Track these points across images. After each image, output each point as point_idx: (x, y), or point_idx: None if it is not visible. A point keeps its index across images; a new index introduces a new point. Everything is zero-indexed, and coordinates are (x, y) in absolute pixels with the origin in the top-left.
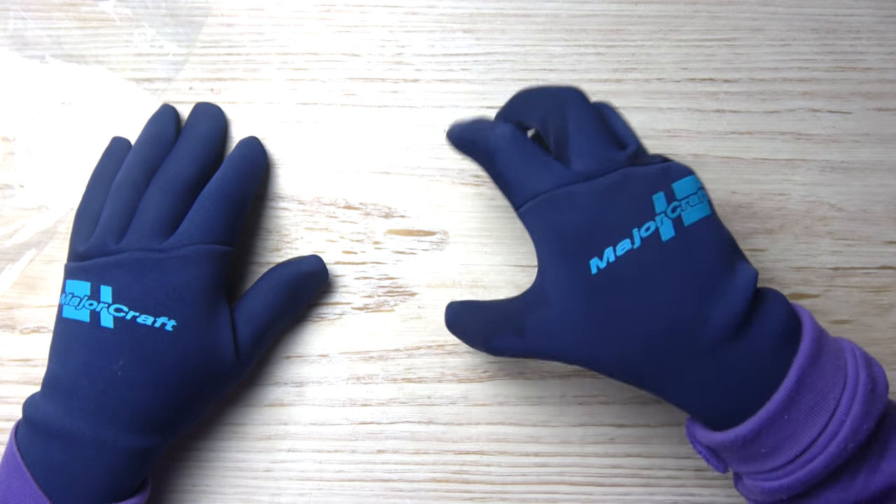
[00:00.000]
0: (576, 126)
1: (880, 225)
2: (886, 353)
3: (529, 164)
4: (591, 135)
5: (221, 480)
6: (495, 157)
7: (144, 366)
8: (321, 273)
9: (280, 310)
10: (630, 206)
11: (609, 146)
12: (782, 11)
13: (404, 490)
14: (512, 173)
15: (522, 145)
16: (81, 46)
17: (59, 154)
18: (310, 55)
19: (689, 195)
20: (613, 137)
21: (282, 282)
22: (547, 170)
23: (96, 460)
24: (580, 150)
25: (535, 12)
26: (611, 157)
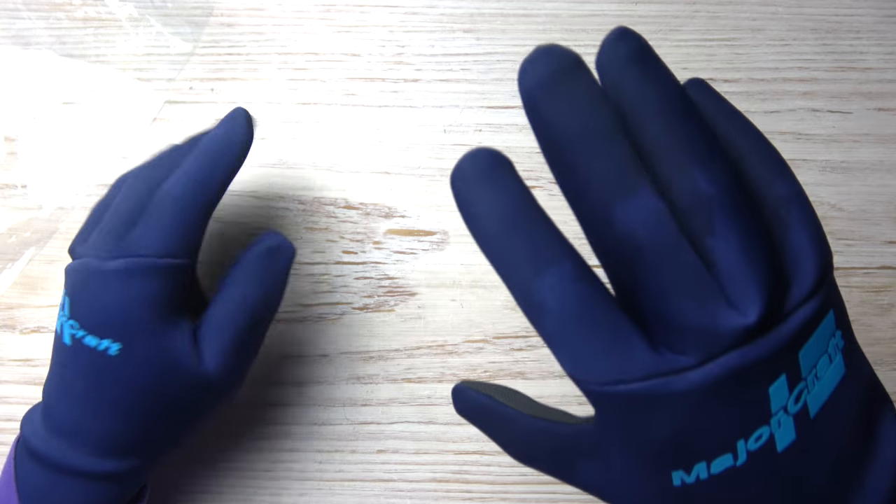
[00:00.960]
0: (669, 282)
1: (880, 225)
2: (886, 353)
3: (600, 340)
4: (694, 295)
5: (221, 480)
6: (545, 321)
7: (99, 388)
8: (282, 246)
9: (253, 305)
10: (738, 409)
11: (721, 306)
12: (782, 11)
13: (404, 490)
14: (571, 347)
15: (588, 307)
16: (83, 45)
17: (60, 154)
18: (310, 55)
19: (821, 355)
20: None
21: (244, 274)
22: (627, 351)
23: (70, 484)
24: (675, 318)
25: (535, 12)
26: (725, 330)
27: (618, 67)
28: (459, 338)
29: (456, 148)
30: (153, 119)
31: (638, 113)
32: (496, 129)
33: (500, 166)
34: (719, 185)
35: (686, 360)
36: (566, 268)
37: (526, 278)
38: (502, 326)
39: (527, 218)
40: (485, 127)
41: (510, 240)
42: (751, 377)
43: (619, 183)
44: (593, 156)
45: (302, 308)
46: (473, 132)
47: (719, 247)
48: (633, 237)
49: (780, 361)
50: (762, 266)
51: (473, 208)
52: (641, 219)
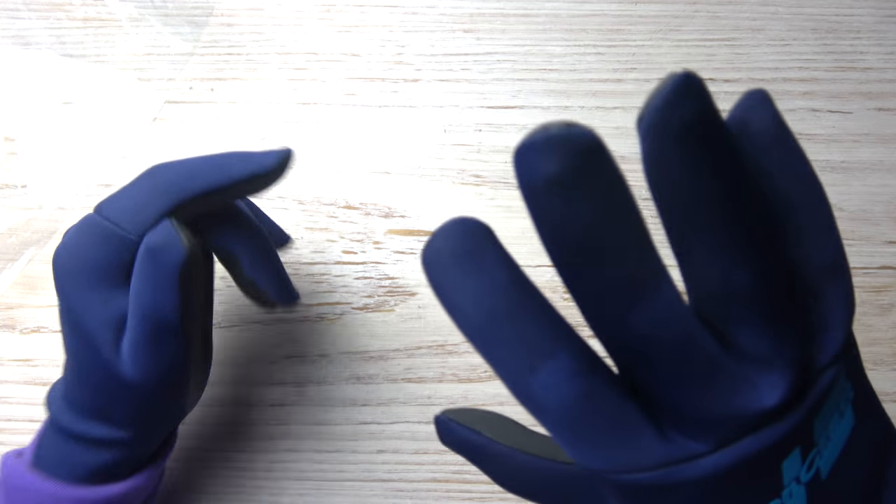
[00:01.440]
0: (686, 370)
1: (880, 225)
2: (886, 353)
3: (604, 435)
4: (713, 382)
5: (221, 480)
6: (548, 419)
7: (67, 352)
8: (165, 247)
9: (142, 308)
10: (750, 490)
11: (740, 392)
12: (782, 11)
13: (404, 490)
14: (574, 444)
15: (591, 402)
16: (83, 45)
17: (60, 154)
18: (310, 55)
19: (832, 417)
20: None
21: (135, 274)
22: (634, 441)
23: (69, 444)
24: (691, 409)
25: (535, 12)
26: (743, 414)
27: (665, 154)
28: (459, 338)
29: (456, 148)
30: (153, 119)
31: (682, 208)
32: (496, 129)
33: (479, 243)
34: (751, 275)
35: (699, 446)
36: (562, 361)
37: (520, 376)
38: None
39: (515, 306)
40: (485, 127)
41: (498, 333)
42: (764, 458)
43: (634, 292)
44: (610, 262)
45: (302, 308)
46: (473, 132)
47: (743, 333)
48: (648, 342)
49: (795, 437)
50: (789, 350)
51: (453, 299)
52: (659, 323)
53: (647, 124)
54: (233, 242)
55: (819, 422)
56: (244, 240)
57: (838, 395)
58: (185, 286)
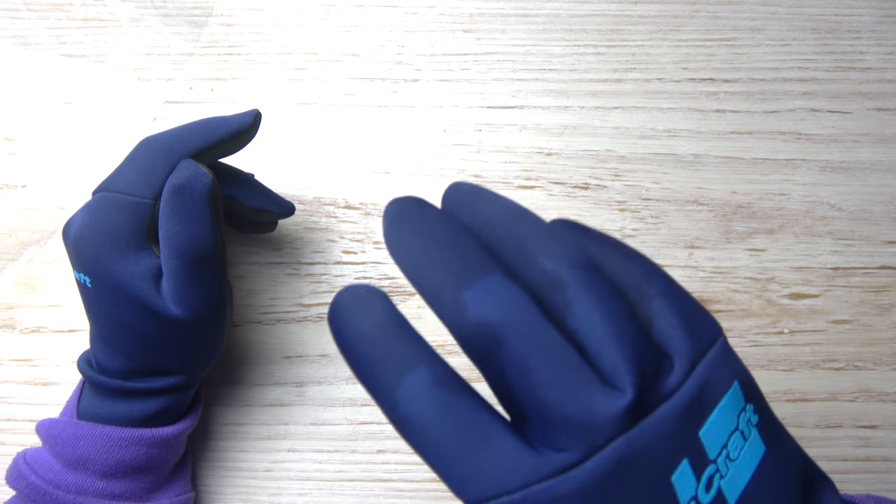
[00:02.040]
0: (523, 348)
1: (880, 225)
2: (887, 353)
3: (469, 448)
4: (562, 380)
5: (222, 480)
6: (413, 436)
7: (92, 319)
8: (189, 180)
9: (179, 245)
10: None
11: (594, 393)
12: (782, 11)
13: (404, 490)
14: (442, 461)
15: (452, 415)
16: (83, 45)
17: (60, 154)
18: (310, 55)
19: (731, 433)
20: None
21: (163, 215)
22: (500, 456)
23: (104, 396)
24: (538, 402)
25: (534, 12)
26: (603, 414)
27: (458, 202)
28: None
29: (456, 148)
30: (153, 119)
31: (482, 227)
32: (496, 129)
33: (367, 295)
34: (565, 261)
35: (567, 456)
36: (421, 373)
37: (387, 392)
38: None
39: (384, 331)
40: (484, 127)
41: (370, 356)
42: (645, 467)
43: (464, 274)
44: (437, 259)
45: (302, 308)
46: (473, 132)
47: (580, 325)
48: (487, 322)
49: (677, 444)
50: (629, 337)
51: (340, 334)
52: (493, 300)
53: (446, 200)
54: (228, 187)
55: (710, 435)
56: (235, 183)
57: (733, 410)
58: (215, 213)
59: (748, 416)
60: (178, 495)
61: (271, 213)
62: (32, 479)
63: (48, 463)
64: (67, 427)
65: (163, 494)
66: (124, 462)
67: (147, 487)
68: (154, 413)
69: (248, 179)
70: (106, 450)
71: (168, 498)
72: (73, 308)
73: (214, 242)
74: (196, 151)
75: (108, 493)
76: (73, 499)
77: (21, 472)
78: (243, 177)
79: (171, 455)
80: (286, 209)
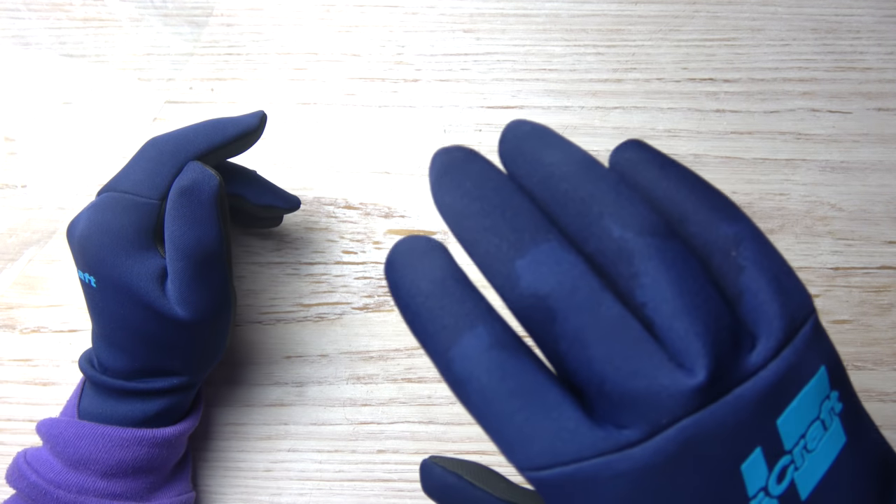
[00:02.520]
0: (578, 320)
1: (880, 225)
2: (887, 353)
3: (527, 415)
4: (622, 354)
5: (222, 480)
6: (468, 397)
7: (95, 319)
8: (197, 182)
9: (185, 246)
10: (702, 492)
11: (662, 365)
12: (782, 11)
13: (404, 490)
14: (498, 426)
15: (510, 377)
16: (83, 45)
17: (60, 154)
18: (310, 55)
19: (811, 422)
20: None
21: (170, 217)
22: (559, 426)
23: (106, 396)
24: (596, 377)
25: (535, 12)
26: (670, 393)
27: (516, 147)
28: None
29: None
30: (153, 119)
31: (542, 183)
32: (496, 129)
33: (426, 248)
34: (634, 226)
35: (630, 433)
36: (479, 332)
37: (443, 350)
38: None
39: (443, 287)
40: (484, 127)
41: (427, 311)
42: (713, 452)
43: (518, 240)
44: (490, 222)
45: (302, 308)
46: (473, 132)
47: (650, 297)
48: (540, 293)
49: (751, 431)
50: (704, 312)
51: (397, 289)
52: (548, 272)
53: (503, 145)
54: (234, 185)
55: (788, 423)
56: (240, 180)
57: (817, 398)
58: (222, 215)
59: (832, 404)
60: (178, 495)
61: (278, 208)
62: (33, 478)
63: (49, 462)
64: (68, 426)
65: (163, 494)
66: (125, 462)
67: (148, 487)
68: (155, 413)
69: (253, 176)
70: (107, 449)
71: (169, 498)
72: (73, 308)
73: (220, 245)
74: (203, 152)
75: (108, 492)
76: (73, 498)
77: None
78: (248, 174)
79: (171, 455)
80: (292, 203)
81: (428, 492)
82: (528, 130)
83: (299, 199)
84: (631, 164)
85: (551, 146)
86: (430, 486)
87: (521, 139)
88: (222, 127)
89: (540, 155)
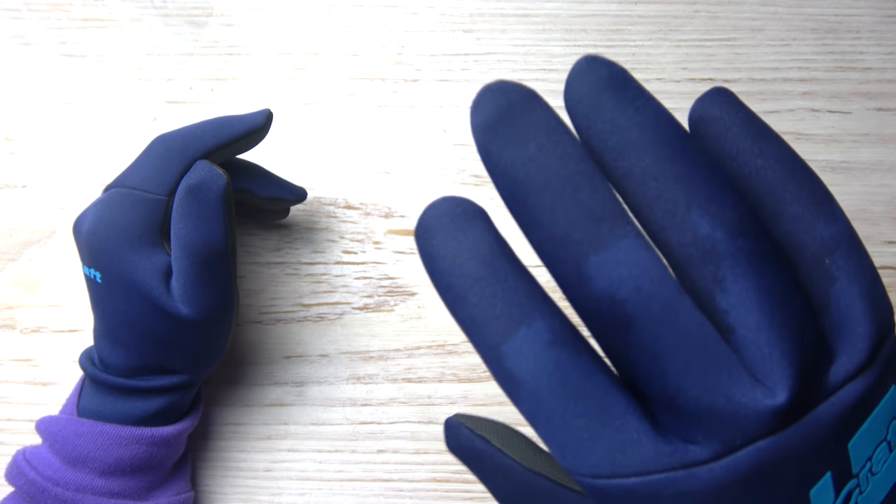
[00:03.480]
0: (655, 330)
1: (880, 225)
2: None
3: (586, 421)
4: (700, 368)
5: (222, 480)
6: (519, 397)
7: (99, 315)
8: (205, 181)
9: (190, 244)
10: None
11: (737, 386)
12: (782, 11)
13: (404, 490)
14: (552, 430)
15: (570, 379)
16: (83, 45)
17: (60, 154)
18: (310, 55)
19: (878, 444)
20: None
21: (176, 214)
22: (622, 436)
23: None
24: (669, 390)
25: (535, 12)
26: (748, 413)
27: (588, 99)
28: (459, 338)
29: (456, 148)
30: (153, 119)
31: (616, 151)
32: None
33: (466, 213)
34: (724, 225)
35: (699, 451)
36: (538, 328)
37: (494, 343)
38: None
39: (494, 270)
40: None
41: (475, 297)
42: (784, 477)
43: (592, 232)
44: (559, 203)
45: (302, 308)
46: None
47: (733, 305)
48: (615, 297)
49: (823, 456)
50: (791, 329)
51: (436, 264)
52: (627, 274)
53: (572, 91)
54: (240, 179)
55: (858, 447)
56: (246, 174)
57: (883, 420)
58: (229, 213)
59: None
60: (177, 494)
61: (284, 200)
62: (32, 475)
63: (48, 460)
64: (68, 424)
65: (162, 493)
66: (124, 460)
67: (146, 486)
68: (155, 412)
69: (259, 170)
70: (106, 448)
71: (167, 497)
72: (73, 308)
73: (226, 244)
74: (210, 149)
75: (107, 490)
76: (71, 496)
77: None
78: (253, 168)
79: (170, 454)
80: (298, 195)
81: (453, 450)
82: (604, 76)
83: (305, 191)
84: (718, 128)
85: (630, 102)
86: (455, 445)
87: (595, 89)
88: (229, 125)
89: (617, 114)
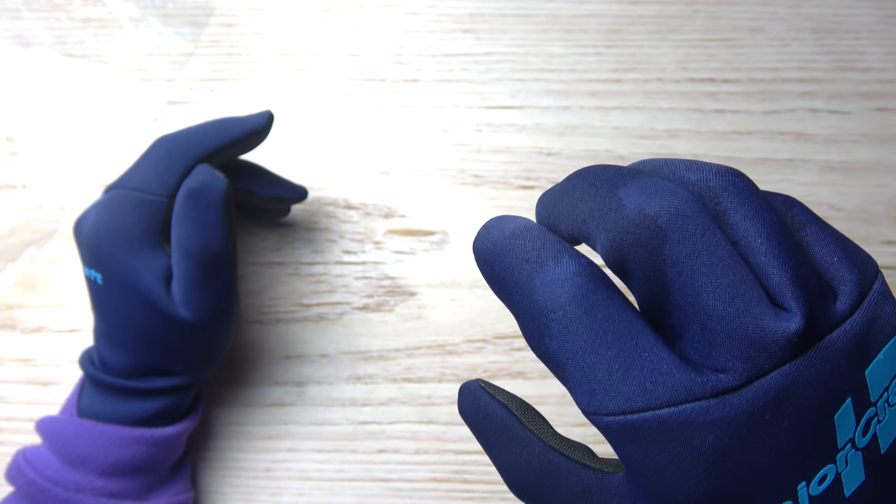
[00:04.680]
0: (705, 268)
1: (880, 225)
2: None
3: (615, 351)
4: (733, 289)
5: (222, 480)
6: (548, 329)
7: (99, 316)
8: (205, 185)
9: (190, 248)
10: (797, 442)
11: (765, 310)
12: (782, 11)
13: (404, 490)
14: (581, 364)
15: (598, 308)
16: (83, 45)
17: (60, 154)
18: (310, 55)
19: (893, 378)
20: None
21: (176, 218)
22: (651, 366)
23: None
24: (702, 310)
25: (534, 12)
26: (774, 336)
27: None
28: (459, 338)
29: (456, 148)
30: (154, 119)
31: None
32: (496, 129)
33: (516, 217)
34: (710, 170)
35: (728, 378)
36: (566, 262)
37: (526, 279)
38: (502, 326)
39: (529, 228)
40: (484, 127)
41: (510, 245)
42: (809, 401)
43: (615, 177)
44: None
45: (302, 308)
46: (473, 132)
47: (740, 234)
48: (649, 212)
49: (843, 381)
50: (794, 255)
51: (480, 244)
52: (656, 192)
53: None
54: (241, 179)
55: (874, 375)
56: (247, 174)
57: (895, 354)
58: (229, 218)
59: None
60: (176, 494)
61: (286, 199)
62: (31, 475)
63: (47, 460)
64: (67, 425)
65: (161, 494)
66: (123, 461)
67: (146, 486)
68: (155, 413)
69: (260, 170)
70: (105, 448)
71: (167, 497)
72: (73, 308)
73: (226, 248)
74: (211, 151)
75: (106, 491)
76: (71, 496)
77: (20, 469)
78: (255, 168)
79: (170, 455)
80: (299, 193)
81: (466, 416)
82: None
83: (306, 189)
84: None
85: None
86: (471, 410)
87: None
88: (230, 126)
89: None
